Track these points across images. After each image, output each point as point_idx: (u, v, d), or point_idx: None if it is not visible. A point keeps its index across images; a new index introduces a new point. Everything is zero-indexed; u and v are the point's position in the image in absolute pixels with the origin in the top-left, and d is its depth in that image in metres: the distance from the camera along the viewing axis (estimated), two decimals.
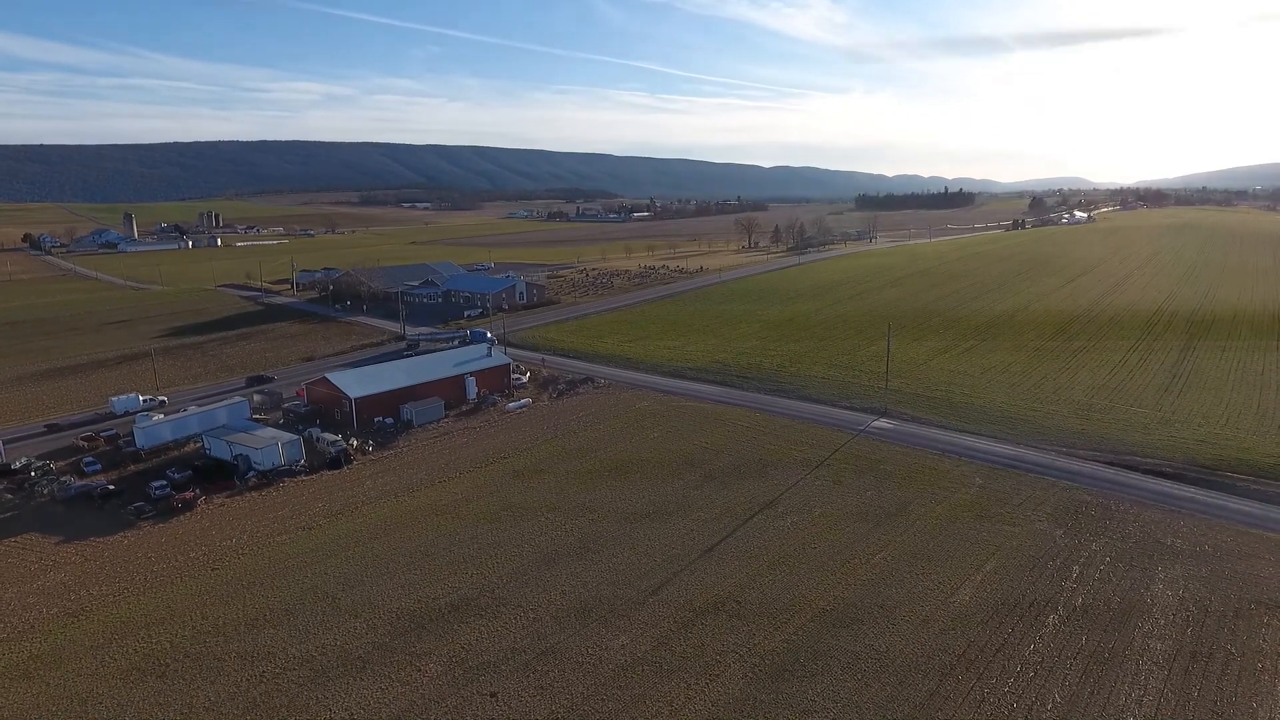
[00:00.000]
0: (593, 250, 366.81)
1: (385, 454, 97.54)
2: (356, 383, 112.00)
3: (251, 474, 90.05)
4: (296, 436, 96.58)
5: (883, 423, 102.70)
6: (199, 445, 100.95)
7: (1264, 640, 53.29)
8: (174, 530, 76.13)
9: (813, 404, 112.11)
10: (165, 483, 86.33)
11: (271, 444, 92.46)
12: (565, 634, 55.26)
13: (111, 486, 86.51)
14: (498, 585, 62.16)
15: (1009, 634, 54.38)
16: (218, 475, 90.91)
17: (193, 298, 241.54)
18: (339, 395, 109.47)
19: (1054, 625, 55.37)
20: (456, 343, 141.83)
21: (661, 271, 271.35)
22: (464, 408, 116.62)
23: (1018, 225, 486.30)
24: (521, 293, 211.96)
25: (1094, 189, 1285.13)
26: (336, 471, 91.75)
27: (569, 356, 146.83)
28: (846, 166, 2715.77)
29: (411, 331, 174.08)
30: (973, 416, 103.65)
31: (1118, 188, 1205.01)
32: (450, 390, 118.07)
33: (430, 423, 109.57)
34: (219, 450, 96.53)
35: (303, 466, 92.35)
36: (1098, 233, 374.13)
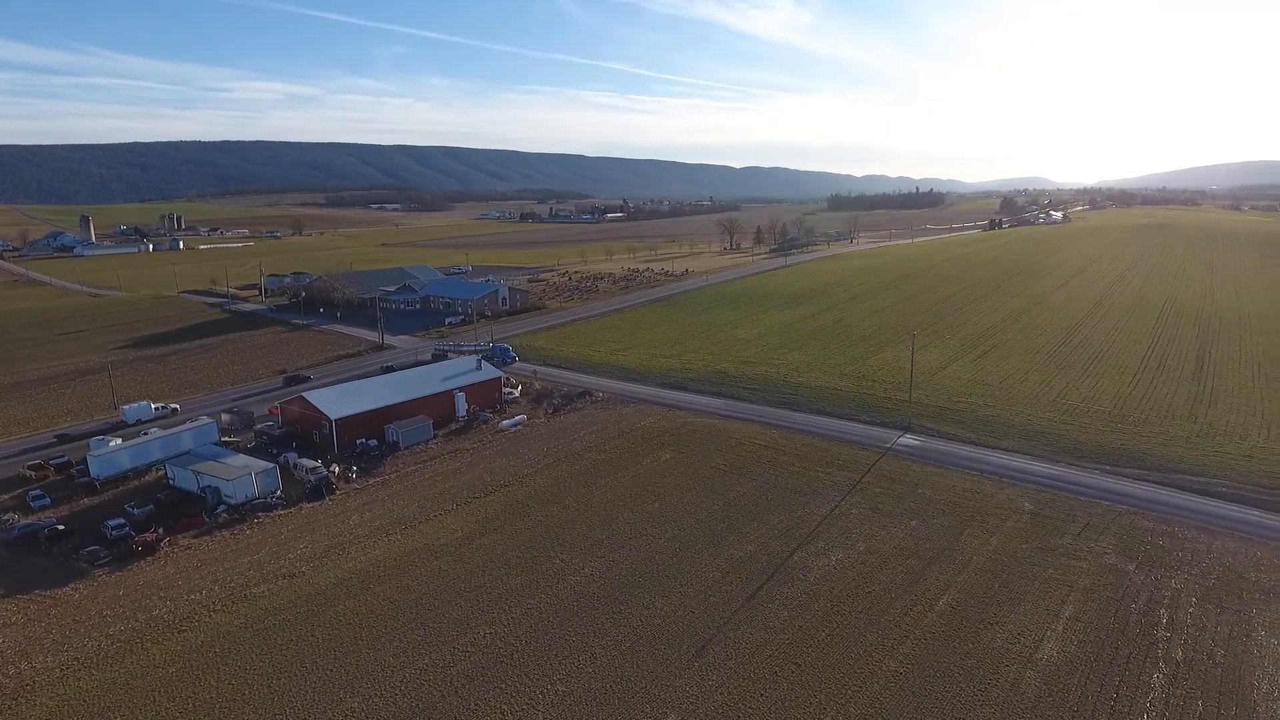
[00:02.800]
0: (571, 252, 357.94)
1: (371, 482, 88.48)
2: (337, 401, 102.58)
3: (222, 508, 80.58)
4: (271, 464, 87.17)
5: (908, 439, 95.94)
6: (161, 474, 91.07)
7: None
8: (133, 580, 66.61)
9: (829, 418, 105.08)
10: (123, 521, 76.53)
11: (244, 474, 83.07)
12: (603, 715, 47.12)
13: (61, 526, 76.54)
14: (515, 649, 53.79)
15: (1114, 699, 47.44)
16: (183, 510, 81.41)
17: (154, 305, 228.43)
18: (318, 415, 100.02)
19: (1160, 686, 48.56)
20: (481, 355, 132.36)
21: (646, 274, 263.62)
22: (453, 426, 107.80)
23: (994, 225, 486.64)
24: (504, 298, 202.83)
25: (1057, 189, 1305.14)
26: (317, 504, 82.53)
27: (561, 367, 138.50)
28: (816, 167, 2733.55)
29: (394, 340, 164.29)
30: (1002, 431, 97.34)
31: (1081, 188, 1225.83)
32: (439, 408, 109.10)
33: (418, 444, 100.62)
34: (184, 480, 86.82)
35: (279, 498, 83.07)
36: (1077, 233, 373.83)
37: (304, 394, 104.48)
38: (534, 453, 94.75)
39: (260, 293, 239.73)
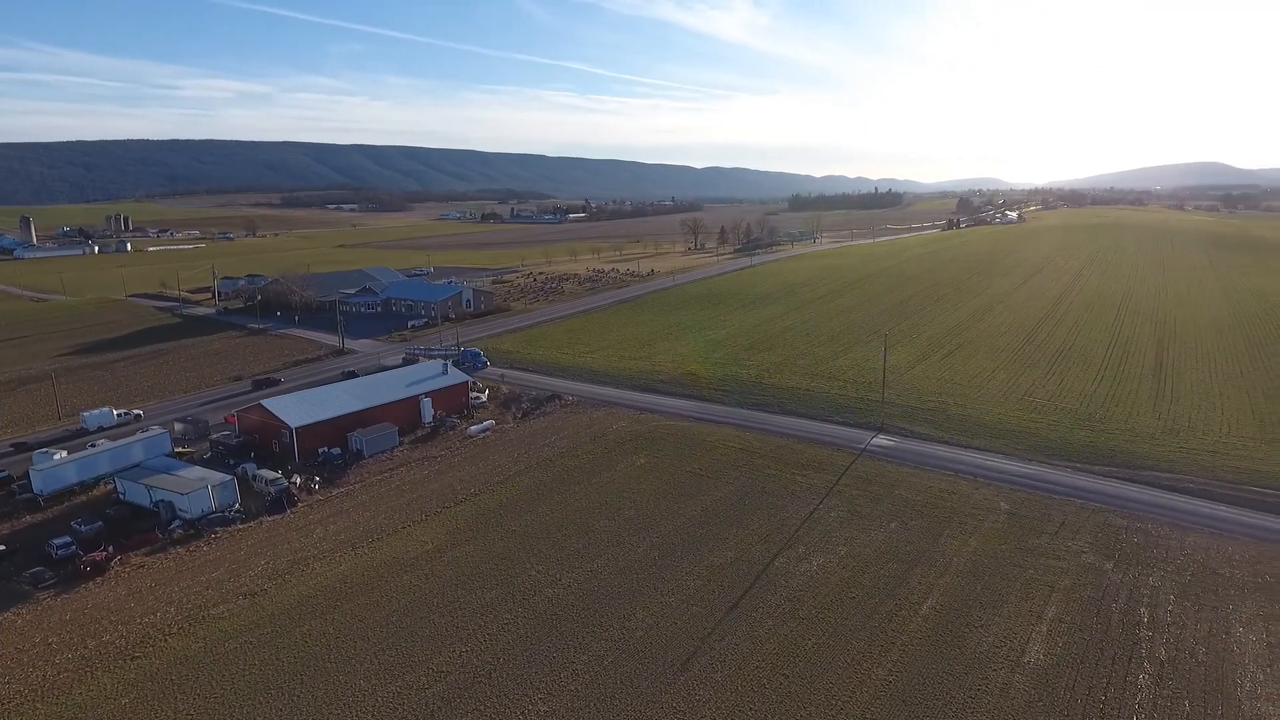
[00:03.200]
0: (535, 253, 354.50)
1: (334, 492, 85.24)
2: (297, 409, 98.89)
3: (176, 524, 76.77)
4: (229, 476, 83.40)
5: (883, 439, 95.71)
6: (111, 488, 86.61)
7: None
8: (82, 602, 62.83)
9: (802, 419, 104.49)
10: (70, 539, 72.34)
11: (200, 486, 79.29)
12: None
13: (2, 546, 72.00)
14: (493, 667, 51.62)
15: (1102, 701, 47.07)
16: (135, 526, 77.39)
17: (101, 309, 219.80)
18: (277, 424, 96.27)
19: (1147, 687, 48.35)
20: (450, 360, 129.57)
21: (612, 275, 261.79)
22: (419, 433, 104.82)
23: (952, 225, 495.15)
24: (468, 300, 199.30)
25: (1010, 189, 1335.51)
26: (278, 517, 79.18)
27: (529, 370, 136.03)
28: (776, 167, 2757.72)
29: (355, 344, 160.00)
30: (974, 430, 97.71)
31: (1034, 188, 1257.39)
32: (404, 414, 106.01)
33: (383, 452, 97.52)
34: (136, 495, 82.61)
35: (238, 512, 79.47)
36: (1032, 232, 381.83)
37: (262, 402, 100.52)
38: (504, 459, 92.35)
39: (214, 296, 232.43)
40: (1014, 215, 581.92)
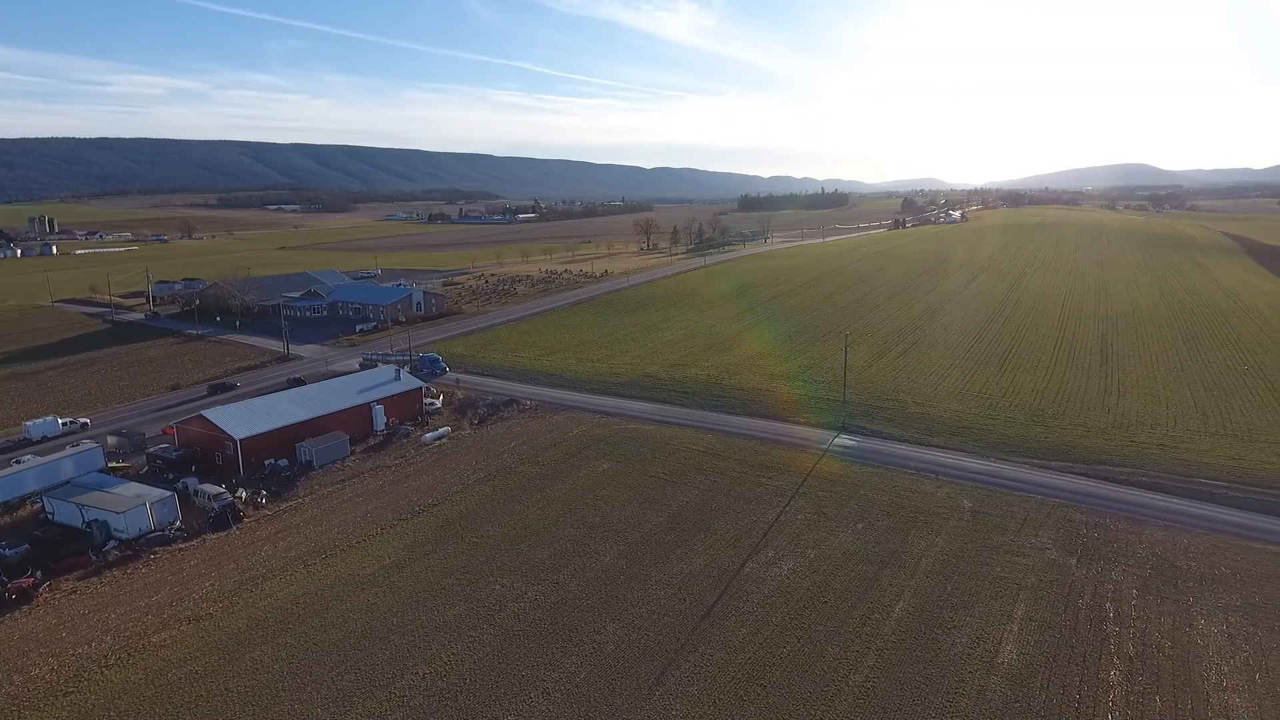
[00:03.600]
0: (486, 254, 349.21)
1: (283, 506, 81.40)
2: (242, 419, 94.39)
3: (112, 545, 72.15)
4: (169, 492, 78.91)
5: (845, 439, 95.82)
6: (38, 508, 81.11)
7: None
8: (7, 634, 58.28)
9: (764, 420, 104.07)
10: None
11: (137, 504, 74.70)
12: None
13: None
14: (459, 688, 49.31)
15: (1077, 700, 47.14)
16: (66, 548, 72.52)
17: (24, 316, 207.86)
18: (220, 436, 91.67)
19: (1119, 684, 48.63)
20: (407, 367, 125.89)
21: (565, 276, 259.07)
22: (372, 441, 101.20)
23: (899, 225, 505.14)
24: (419, 303, 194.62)
25: (951, 189, 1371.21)
26: (223, 534, 75.12)
27: (484, 374, 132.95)
28: (725, 168, 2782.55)
29: (300, 350, 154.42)
30: (933, 428, 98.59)
31: (973, 188, 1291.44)
32: (355, 422, 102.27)
33: (334, 462, 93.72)
34: (66, 514, 77.44)
35: (179, 530, 75.15)
36: (976, 231, 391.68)
37: (204, 413, 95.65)
38: (462, 467, 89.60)
39: (148, 301, 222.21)
40: (957, 215, 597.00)
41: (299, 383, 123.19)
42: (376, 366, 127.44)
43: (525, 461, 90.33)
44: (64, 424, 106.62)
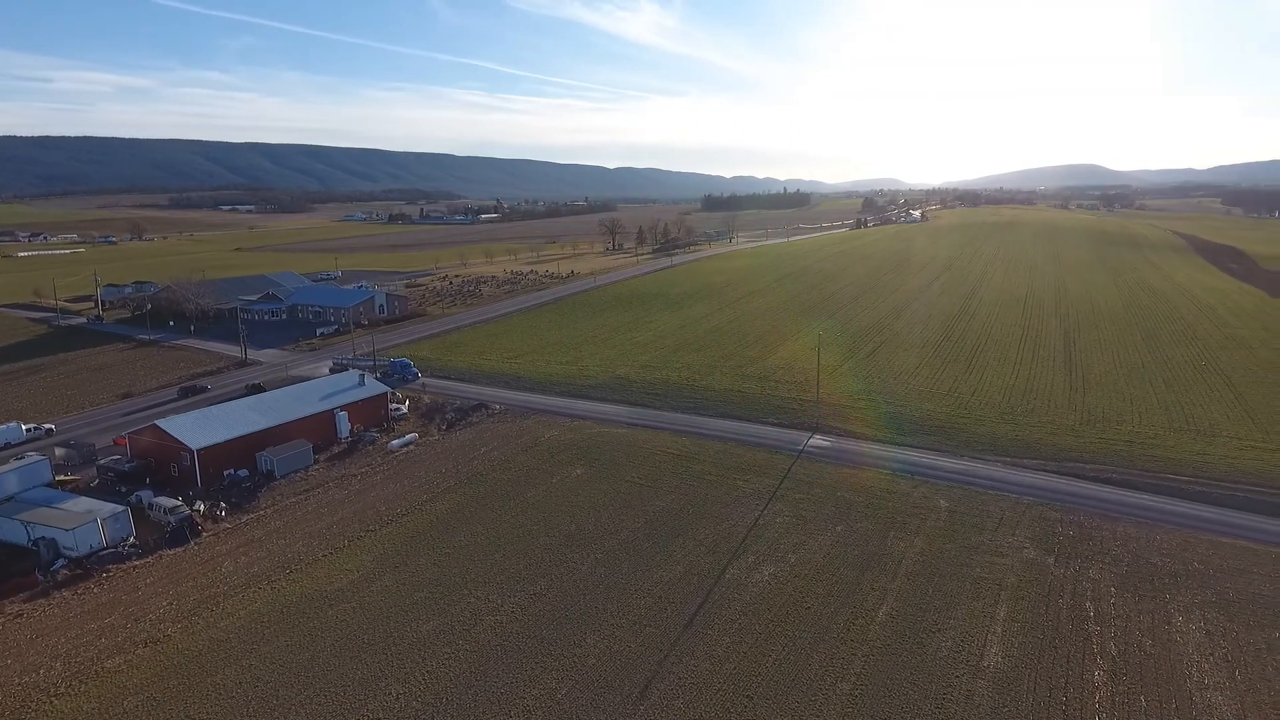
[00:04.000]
0: (449, 255, 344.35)
1: (244, 519, 78.26)
2: (198, 428, 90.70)
3: (60, 563, 68.59)
4: (122, 506, 75.29)
5: (819, 440, 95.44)
6: None
7: None
8: None
9: (737, 422, 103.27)
10: None
11: (87, 520, 71.11)
12: None
13: None
14: (436, 709, 47.33)
15: (1064, 702, 46.87)
16: (10, 568, 68.56)
17: None
18: (176, 446, 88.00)
19: (1104, 684, 48.51)
20: (378, 373, 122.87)
21: (530, 277, 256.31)
22: (336, 449, 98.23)
23: (860, 224, 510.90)
24: (382, 305, 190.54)
25: (909, 189, 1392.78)
26: (181, 549, 71.90)
27: (451, 378, 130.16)
28: (687, 168, 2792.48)
29: (259, 354, 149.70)
30: (906, 427, 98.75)
31: (931, 188, 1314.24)
32: (318, 429, 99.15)
33: (296, 472, 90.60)
34: (11, 532, 73.42)
35: (133, 546, 71.74)
36: (936, 231, 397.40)
37: (158, 422, 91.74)
38: (431, 475, 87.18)
39: (96, 305, 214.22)
40: (917, 214, 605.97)
41: (258, 389, 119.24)
42: (348, 371, 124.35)
43: (496, 468, 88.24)
44: (28, 430, 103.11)
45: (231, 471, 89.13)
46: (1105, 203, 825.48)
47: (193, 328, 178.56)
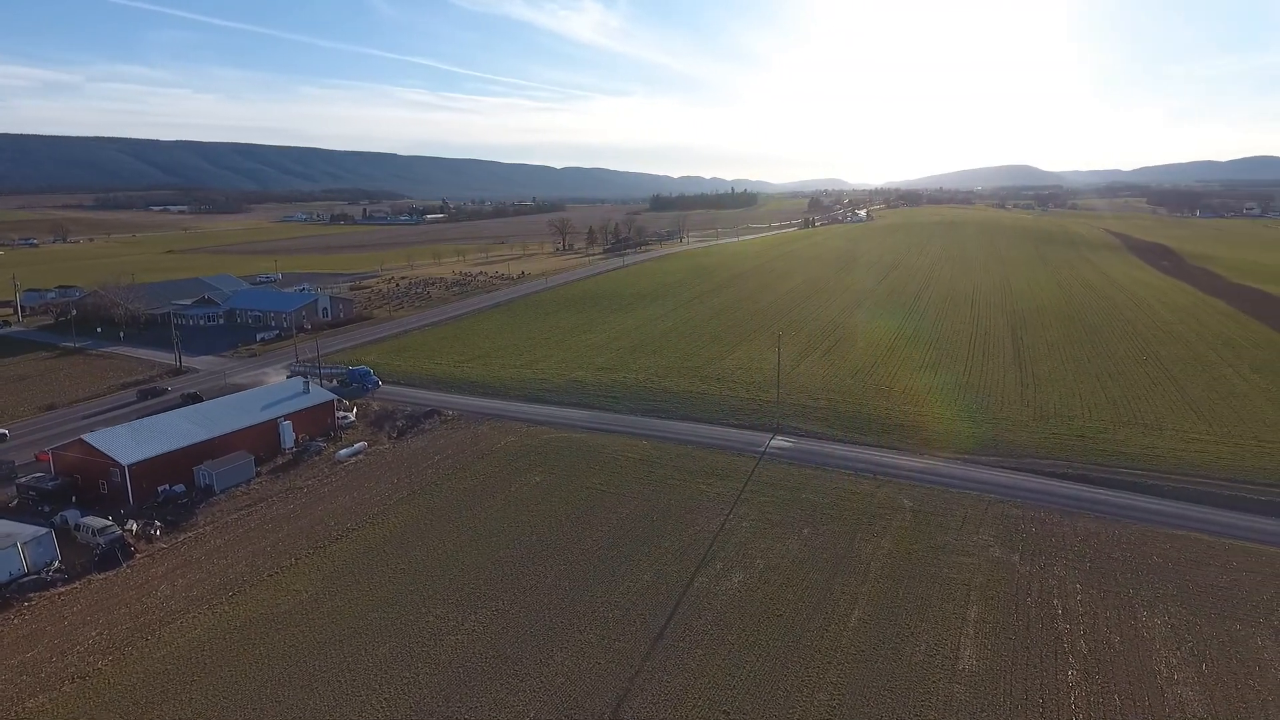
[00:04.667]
0: (395, 256, 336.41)
1: (181, 538, 73.64)
2: (129, 442, 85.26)
3: None
4: (45, 528, 70.07)
5: (781, 441, 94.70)
6: None
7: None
8: None
9: (698, 424, 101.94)
10: None
11: (6, 544, 65.84)
12: None
13: None
14: None
15: (1040, 704, 46.46)
16: None
17: None
18: (104, 462, 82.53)
19: (1077, 684, 48.32)
20: (336, 380, 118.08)
21: (480, 278, 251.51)
22: (280, 461, 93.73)
23: (808, 224, 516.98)
24: (326, 309, 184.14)
25: (852, 189, 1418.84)
26: (112, 573, 67.06)
27: (400, 383, 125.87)
28: (635, 168, 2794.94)
29: (195, 361, 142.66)
30: (865, 426, 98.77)
31: (873, 188, 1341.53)
32: (261, 440, 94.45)
33: (238, 485, 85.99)
34: None
35: (59, 572, 66.69)
36: (882, 230, 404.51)
37: (84, 436, 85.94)
38: (382, 486, 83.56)
39: (15, 311, 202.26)
40: (863, 214, 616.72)
41: (195, 398, 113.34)
42: (292, 379, 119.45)
43: (451, 477, 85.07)
44: None
45: (167, 487, 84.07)
46: (1040, 202, 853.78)
47: (122, 334, 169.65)
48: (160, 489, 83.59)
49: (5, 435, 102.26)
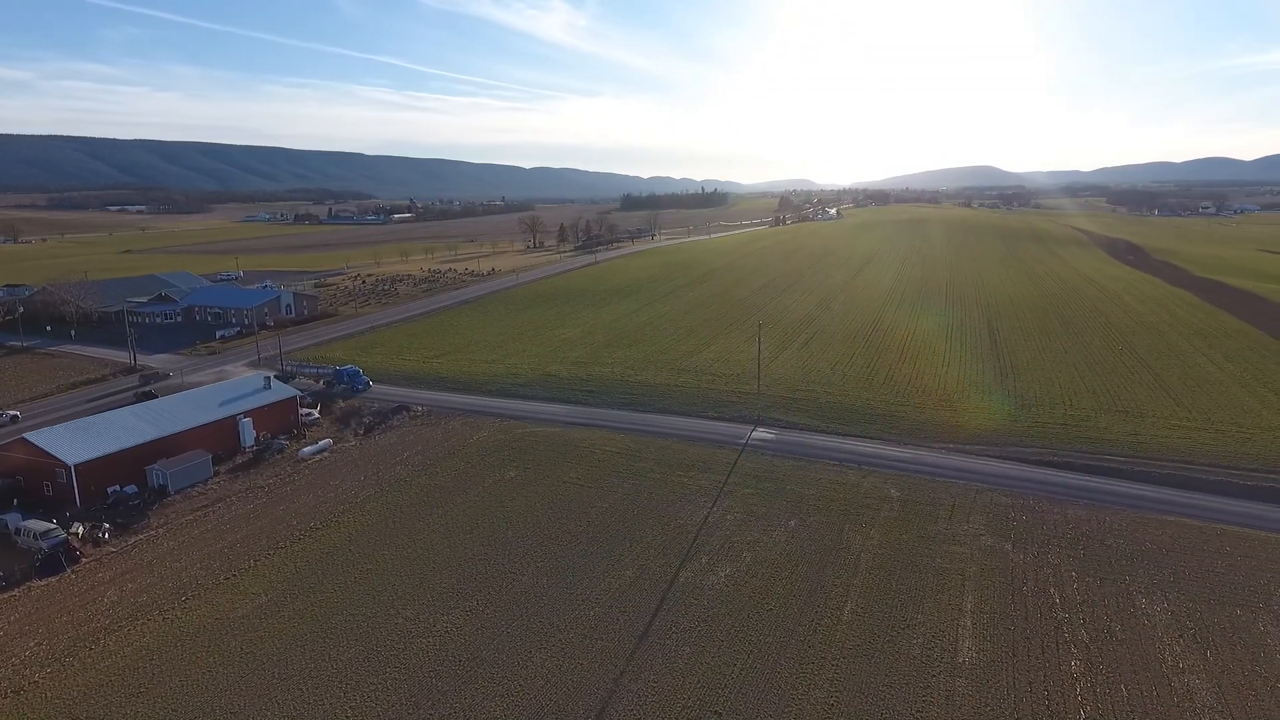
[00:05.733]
0: (362, 254, 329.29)
1: (132, 541, 69.09)
2: (76, 441, 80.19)
3: None
4: None
5: (763, 433, 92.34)
6: None
7: None
8: None
9: (677, 417, 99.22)
10: None
11: None
12: None
13: None
14: None
15: (1045, 696, 44.38)
16: None
17: None
18: (49, 462, 77.47)
19: (1081, 674, 46.35)
20: (322, 381, 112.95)
21: (450, 275, 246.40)
22: (240, 460, 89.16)
23: (779, 222, 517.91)
24: (289, 305, 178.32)
25: (821, 189, 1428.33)
26: (55, 579, 62.43)
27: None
28: (604, 168, 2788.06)
29: (150, 360, 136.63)
30: (847, 417, 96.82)
31: (841, 188, 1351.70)
32: (219, 438, 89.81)
33: (194, 486, 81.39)
34: None
35: None
36: (853, 228, 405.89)
37: (27, 435, 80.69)
38: (348, 484, 79.56)
39: None
40: (833, 212, 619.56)
41: (149, 396, 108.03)
42: (298, 378, 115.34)
43: (421, 473, 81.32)
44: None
45: (117, 488, 79.26)
46: (1004, 201, 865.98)
47: (73, 333, 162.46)
48: (110, 490, 78.79)
49: (17, 416, 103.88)
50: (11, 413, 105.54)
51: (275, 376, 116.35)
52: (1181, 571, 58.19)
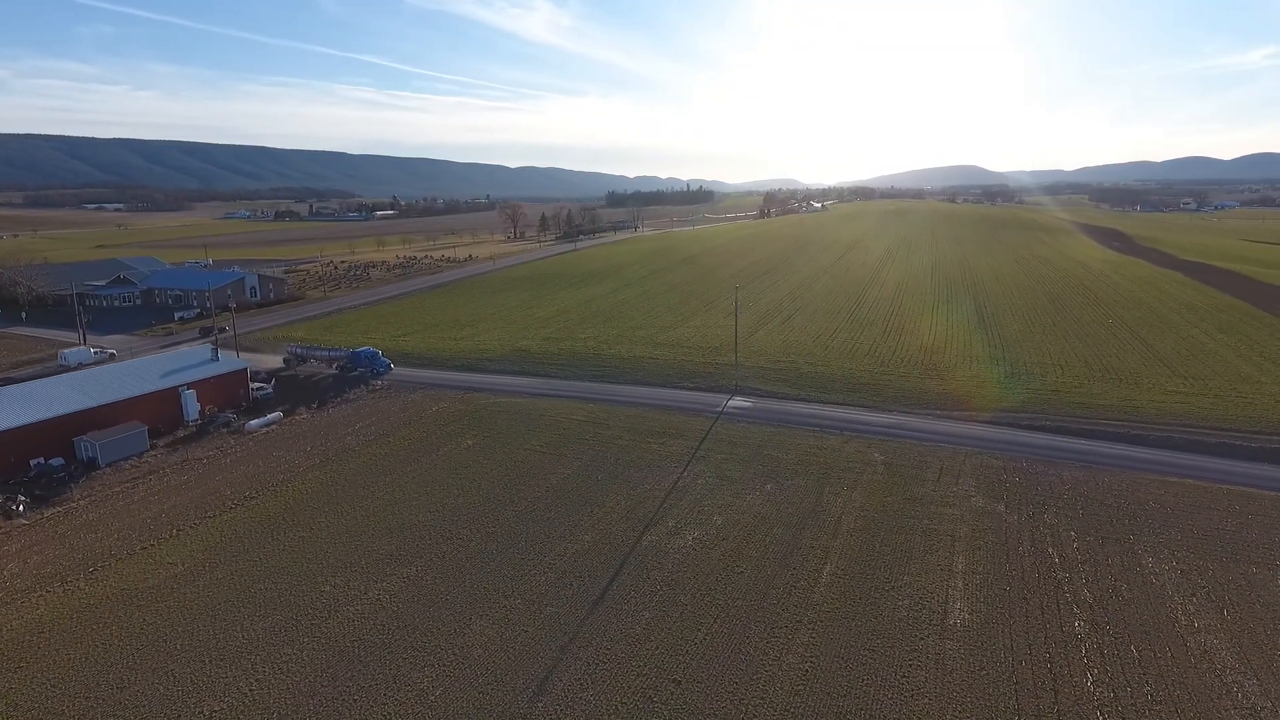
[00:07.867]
0: (338, 247, 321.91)
1: (49, 513, 62.92)
2: None
3: None
4: None
5: (740, 401, 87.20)
6: None
7: None
8: None
9: (651, 388, 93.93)
10: None
11: None
12: None
13: None
14: None
15: (1049, 659, 39.39)
16: None
17: None
18: None
19: (1086, 635, 41.42)
20: (336, 366, 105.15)
21: (425, 261, 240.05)
22: (182, 433, 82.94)
23: (765, 214, 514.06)
24: (254, 288, 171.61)
25: (807, 189, 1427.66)
26: None
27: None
28: (590, 167, 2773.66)
29: (102, 340, 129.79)
30: (829, 386, 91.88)
31: (826, 186, 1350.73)
32: (159, 410, 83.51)
33: (128, 458, 75.16)
34: None
35: None
36: (838, 218, 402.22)
37: None
38: (293, 455, 73.68)
39: None
40: (819, 205, 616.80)
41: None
42: (309, 362, 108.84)
43: (372, 443, 75.57)
44: (95, 353, 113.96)
45: (41, 460, 72.97)
46: (988, 198, 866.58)
47: (24, 315, 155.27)
48: (34, 462, 72.50)
49: (114, 355, 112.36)
50: (110, 350, 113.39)
51: (284, 360, 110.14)
52: (1190, 530, 53.46)
